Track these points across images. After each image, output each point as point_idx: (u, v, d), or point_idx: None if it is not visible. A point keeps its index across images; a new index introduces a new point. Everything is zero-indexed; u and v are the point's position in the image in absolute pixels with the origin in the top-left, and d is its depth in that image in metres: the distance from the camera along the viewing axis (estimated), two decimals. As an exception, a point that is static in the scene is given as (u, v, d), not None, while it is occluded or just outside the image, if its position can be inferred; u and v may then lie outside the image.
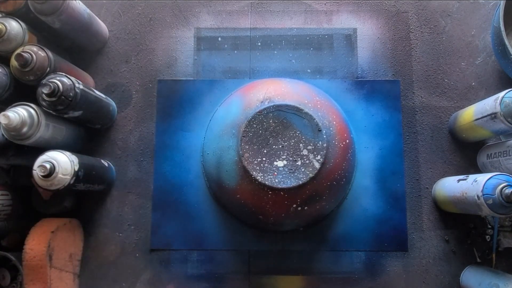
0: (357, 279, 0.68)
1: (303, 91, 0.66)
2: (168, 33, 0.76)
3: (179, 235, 0.69)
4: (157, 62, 0.75)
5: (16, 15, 0.60)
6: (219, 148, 0.64)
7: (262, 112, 0.61)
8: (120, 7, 0.77)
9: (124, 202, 0.71)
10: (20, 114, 0.55)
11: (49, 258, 0.61)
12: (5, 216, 0.65)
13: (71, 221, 0.67)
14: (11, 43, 0.59)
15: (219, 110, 0.72)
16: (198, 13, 0.77)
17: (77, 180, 0.59)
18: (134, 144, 0.73)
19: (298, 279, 0.69)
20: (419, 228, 0.69)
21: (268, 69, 0.75)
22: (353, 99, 0.73)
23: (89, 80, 0.73)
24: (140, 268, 0.69)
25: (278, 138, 0.61)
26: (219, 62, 0.75)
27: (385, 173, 0.70)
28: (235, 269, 0.69)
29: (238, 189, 0.62)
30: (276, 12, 0.77)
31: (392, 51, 0.75)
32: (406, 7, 0.76)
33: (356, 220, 0.69)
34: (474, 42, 0.74)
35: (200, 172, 0.71)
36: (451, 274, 0.68)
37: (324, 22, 0.76)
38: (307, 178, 0.59)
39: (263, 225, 0.68)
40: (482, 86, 0.72)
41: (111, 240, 0.70)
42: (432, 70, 0.74)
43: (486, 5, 0.75)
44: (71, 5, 0.62)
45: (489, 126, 0.61)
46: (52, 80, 0.57)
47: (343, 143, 0.63)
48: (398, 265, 0.69)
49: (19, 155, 0.64)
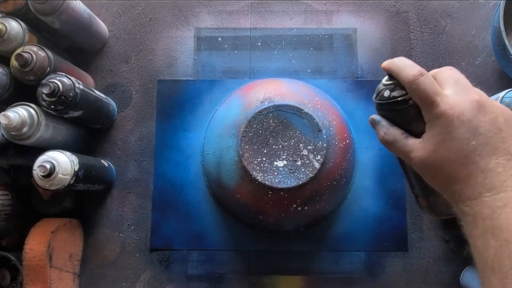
0: (357, 279, 0.68)
1: (303, 91, 0.66)
2: (168, 33, 0.76)
3: (179, 235, 0.69)
4: (157, 62, 0.75)
5: (16, 15, 0.60)
6: (219, 148, 0.64)
7: (262, 112, 0.61)
8: (120, 7, 0.77)
9: (124, 202, 0.71)
10: (20, 114, 0.55)
11: (49, 258, 0.61)
12: (5, 216, 0.65)
13: (71, 221, 0.67)
14: (11, 43, 0.59)
15: (219, 110, 0.72)
16: (198, 13, 0.77)
17: (77, 180, 0.59)
18: (134, 144, 0.73)
19: (298, 279, 0.69)
20: (419, 228, 0.69)
21: (268, 69, 0.75)
22: (353, 99, 0.73)
23: (89, 80, 0.73)
24: (140, 268, 0.69)
25: (278, 138, 0.61)
26: (219, 62, 0.75)
27: (385, 173, 0.70)
28: (235, 269, 0.69)
29: (238, 189, 0.62)
30: (276, 12, 0.77)
31: (392, 51, 0.75)
32: (406, 7, 0.76)
33: (356, 220, 0.69)
34: (474, 42, 0.74)
35: (200, 172, 0.71)
36: (451, 274, 0.68)
37: (324, 22, 0.76)
38: (307, 178, 0.59)
39: (263, 225, 0.68)
40: (482, 86, 0.72)
41: (111, 240, 0.70)
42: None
43: (486, 5, 0.75)
44: (71, 5, 0.62)
45: (489, 126, 0.61)
46: (52, 80, 0.57)
47: (343, 143, 0.63)
48: (398, 265, 0.69)
49: (19, 155, 0.64)
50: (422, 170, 0.37)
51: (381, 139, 0.40)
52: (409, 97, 0.38)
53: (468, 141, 0.34)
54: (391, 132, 0.39)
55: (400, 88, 0.39)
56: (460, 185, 0.34)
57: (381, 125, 0.40)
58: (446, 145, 0.34)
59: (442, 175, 0.35)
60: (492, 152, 0.33)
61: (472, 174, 0.33)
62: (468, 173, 0.33)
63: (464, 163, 0.34)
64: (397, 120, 0.40)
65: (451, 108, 0.34)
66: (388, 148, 0.40)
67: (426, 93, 0.35)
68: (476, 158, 0.33)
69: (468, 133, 0.34)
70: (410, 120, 0.39)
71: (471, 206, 0.33)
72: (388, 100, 0.39)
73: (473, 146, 0.33)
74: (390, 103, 0.39)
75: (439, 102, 0.35)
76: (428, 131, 0.36)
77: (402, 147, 0.38)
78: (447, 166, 0.34)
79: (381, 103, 0.40)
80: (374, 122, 0.41)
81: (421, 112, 0.37)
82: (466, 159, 0.34)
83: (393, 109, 0.40)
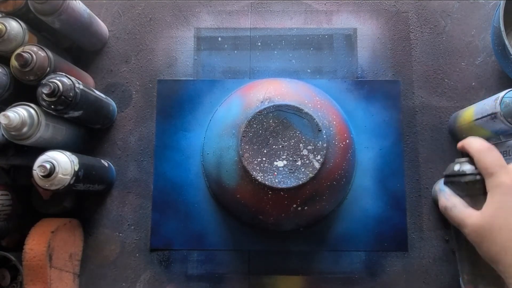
0: (357, 279, 0.68)
1: (303, 91, 0.66)
2: (168, 33, 0.76)
3: (179, 235, 0.69)
4: (157, 62, 0.76)
5: (16, 15, 0.60)
6: (219, 148, 0.64)
7: (262, 112, 0.61)
8: (120, 7, 0.77)
9: (124, 202, 0.71)
10: (20, 114, 0.55)
11: (49, 258, 0.61)
12: (5, 216, 0.65)
13: (71, 221, 0.67)
14: (11, 43, 0.59)
15: (219, 110, 0.72)
16: (198, 13, 0.77)
17: (77, 180, 0.59)
18: (134, 144, 0.73)
19: (298, 279, 0.69)
20: (419, 228, 0.69)
21: (268, 69, 0.75)
22: (353, 99, 0.73)
23: (89, 80, 0.73)
24: (140, 268, 0.69)
25: (278, 138, 0.61)
26: (219, 62, 0.75)
27: (385, 173, 0.70)
28: (235, 269, 0.69)
29: (238, 189, 0.62)
30: (276, 12, 0.77)
31: (392, 51, 0.75)
32: (406, 7, 0.76)
33: (356, 220, 0.69)
34: (474, 42, 0.74)
35: (200, 172, 0.71)
36: (451, 274, 0.68)
37: (324, 22, 0.76)
38: (307, 178, 0.59)
39: (263, 225, 0.68)
40: (482, 86, 0.72)
41: (111, 240, 0.70)
42: (432, 70, 0.74)
43: (486, 5, 0.75)
44: (71, 5, 0.62)
45: (489, 126, 0.61)
46: (52, 80, 0.57)
47: (343, 143, 0.63)
48: (398, 265, 0.69)
49: (19, 155, 0.64)
50: (477, 237, 0.37)
51: (441, 203, 0.43)
52: (477, 171, 0.41)
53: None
54: (453, 199, 0.41)
55: (470, 164, 0.42)
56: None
57: (444, 193, 0.43)
58: (504, 212, 0.35)
59: (497, 243, 0.35)
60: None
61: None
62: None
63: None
64: (461, 194, 0.42)
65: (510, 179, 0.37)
66: (446, 214, 0.42)
67: (490, 163, 0.38)
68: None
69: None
70: (472, 194, 0.41)
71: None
72: (457, 173, 0.43)
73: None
74: (458, 175, 0.43)
75: (500, 173, 0.37)
76: (488, 200, 0.38)
77: (460, 213, 0.40)
78: (504, 233, 0.35)
79: (450, 175, 0.44)
80: (439, 190, 0.44)
81: (485, 189, 0.39)
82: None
83: (460, 181, 0.42)
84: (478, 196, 0.41)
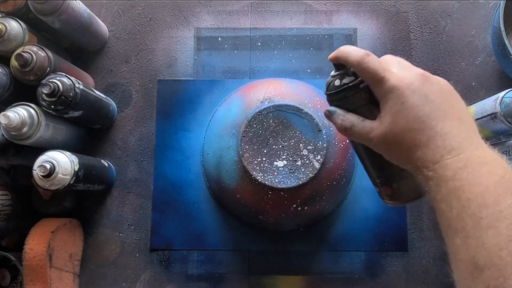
0: (357, 279, 0.68)
1: (303, 91, 0.66)
2: (168, 33, 0.76)
3: (179, 235, 0.69)
4: (157, 62, 0.75)
5: (16, 15, 0.60)
6: (219, 148, 0.64)
7: (262, 112, 0.61)
8: (120, 7, 0.77)
9: (124, 202, 0.71)
10: (20, 114, 0.55)
11: (49, 258, 0.61)
12: (5, 216, 0.65)
13: (71, 221, 0.67)
14: (11, 43, 0.59)
15: (219, 110, 0.72)
16: (198, 13, 0.77)
17: (77, 180, 0.59)
18: (134, 144, 0.73)
19: (298, 279, 0.69)
20: (419, 228, 0.69)
21: (268, 69, 0.75)
22: (353, 99, 0.73)
23: (89, 80, 0.73)
24: (140, 268, 0.69)
25: (278, 138, 0.61)
26: (219, 62, 0.75)
27: (385, 173, 0.70)
28: (235, 269, 0.69)
29: (238, 189, 0.62)
30: (276, 12, 0.77)
31: (392, 51, 0.75)
32: (406, 7, 0.76)
33: (356, 220, 0.69)
34: (474, 42, 0.74)
35: (200, 172, 0.71)
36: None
37: (324, 22, 0.76)
38: (307, 178, 0.59)
39: (263, 225, 0.68)
40: (482, 86, 0.72)
41: (111, 240, 0.70)
42: (432, 70, 0.74)
43: (486, 5, 0.75)
44: (71, 5, 0.62)
45: (489, 126, 0.61)
46: (52, 80, 0.57)
47: (343, 143, 0.63)
48: (398, 265, 0.69)
49: (19, 155, 0.64)
50: (384, 146, 0.38)
51: (339, 126, 0.41)
52: (359, 81, 0.39)
53: (422, 108, 0.35)
54: (348, 118, 0.40)
55: (348, 75, 0.40)
56: (422, 151, 0.35)
57: (337, 114, 0.41)
58: (402, 115, 0.36)
59: (404, 146, 0.36)
60: (445, 117, 0.35)
61: (432, 139, 0.34)
62: (428, 138, 0.34)
63: (422, 129, 0.35)
64: (351, 108, 0.40)
65: (400, 80, 0.36)
66: (347, 135, 0.41)
67: (375, 70, 0.37)
68: (432, 122, 0.34)
69: (420, 100, 0.35)
70: (363, 104, 0.40)
71: (434, 170, 0.34)
72: (340, 88, 0.40)
73: (427, 111, 0.35)
74: (342, 91, 0.40)
75: (388, 77, 0.36)
76: (383, 108, 0.37)
77: (361, 130, 0.39)
78: (407, 135, 0.35)
79: (333, 93, 0.41)
80: (329, 113, 0.42)
81: (372, 95, 0.38)
82: (423, 125, 0.35)
83: (346, 96, 0.40)
84: (369, 105, 0.39)
